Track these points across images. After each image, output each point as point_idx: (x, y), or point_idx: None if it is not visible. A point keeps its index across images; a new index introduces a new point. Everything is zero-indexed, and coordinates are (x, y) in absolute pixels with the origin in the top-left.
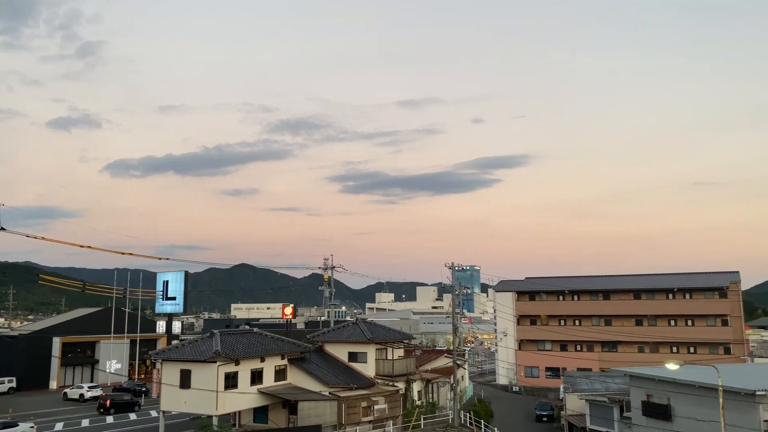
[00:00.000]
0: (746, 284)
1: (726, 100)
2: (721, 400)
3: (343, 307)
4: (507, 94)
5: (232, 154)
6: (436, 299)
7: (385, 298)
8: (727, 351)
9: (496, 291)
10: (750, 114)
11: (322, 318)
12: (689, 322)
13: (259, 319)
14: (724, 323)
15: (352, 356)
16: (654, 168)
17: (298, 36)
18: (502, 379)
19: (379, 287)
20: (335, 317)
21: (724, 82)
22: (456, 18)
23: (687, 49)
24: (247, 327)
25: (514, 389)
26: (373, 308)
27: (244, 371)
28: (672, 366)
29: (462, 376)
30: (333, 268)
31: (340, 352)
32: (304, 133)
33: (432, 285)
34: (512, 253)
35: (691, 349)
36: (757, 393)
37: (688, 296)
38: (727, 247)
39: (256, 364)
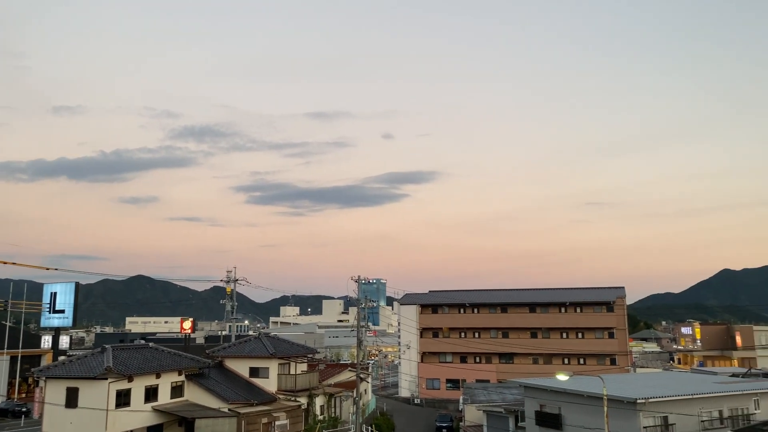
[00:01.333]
0: (630, 299)
1: (614, 127)
2: (605, 409)
3: (246, 321)
4: (416, 112)
5: (131, 160)
6: (342, 312)
7: (289, 312)
8: (613, 362)
9: (401, 304)
10: (635, 140)
11: (224, 332)
12: (580, 335)
13: (156, 333)
14: (611, 336)
15: (254, 371)
16: (550, 187)
17: (207, 40)
18: (404, 392)
19: (284, 301)
20: (237, 332)
21: (614, 110)
22: (370, 34)
23: (581, 76)
24: (142, 341)
25: (415, 402)
26: (277, 322)
27: (137, 388)
28: (562, 377)
29: (365, 390)
30: (236, 280)
31: (241, 367)
32: (209, 140)
33: (338, 298)
34: (418, 266)
35: (581, 361)
36: (638, 401)
37: (579, 310)
38: (614, 263)
39: (151, 381)
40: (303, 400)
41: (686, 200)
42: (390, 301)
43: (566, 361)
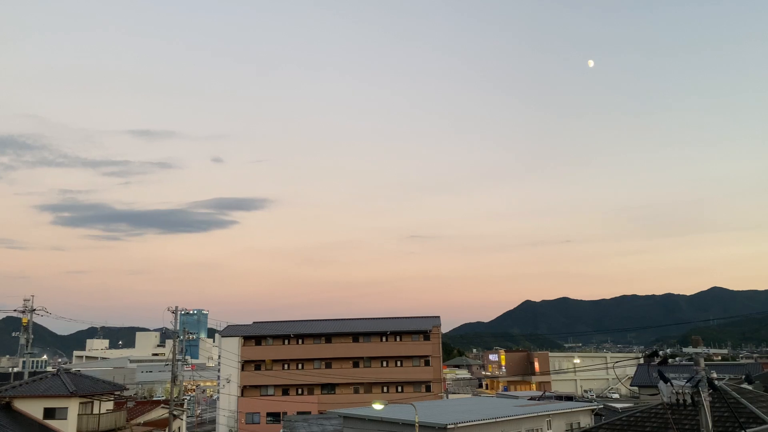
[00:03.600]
0: (446, 327)
1: (432, 167)
2: None
3: (45, 356)
4: (250, 137)
5: None
6: (158, 346)
7: (97, 345)
8: (429, 389)
9: (222, 336)
10: (452, 180)
11: (15, 369)
12: (399, 363)
13: None
14: (427, 363)
15: (49, 412)
16: (377, 220)
17: (15, 44)
18: (222, 429)
19: (92, 333)
20: (33, 368)
21: (434, 152)
22: (205, 53)
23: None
24: None
25: None
26: (82, 356)
27: None
28: (377, 406)
29: (179, 428)
30: (33, 310)
31: (34, 408)
32: (11, 153)
33: (154, 330)
34: (244, 297)
35: (399, 388)
36: (448, 427)
37: (398, 339)
38: (434, 293)
39: None
40: None
41: (496, 237)
42: (212, 333)
43: (386, 389)
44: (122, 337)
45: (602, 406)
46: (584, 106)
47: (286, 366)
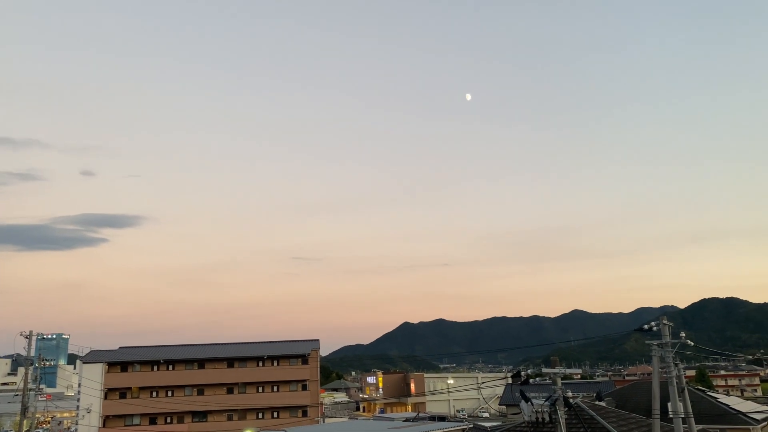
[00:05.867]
0: (326, 350)
1: (320, 187)
2: None
3: None
4: (125, 150)
5: None
6: (9, 374)
7: None
8: (306, 413)
9: (84, 363)
10: (333, 202)
11: None
12: (275, 388)
13: None
14: (305, 388)
15: None
16: (257, 241)
17: None
18: None
19: None
20: None
21: (322, 171)
22: (78, 57)
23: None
24: None
25: None
26: None
27: None
28: None
29: None
30: None
31: None
32: None
33: (4, 357)
34: (111, 320)
35: (275, 414)
36: None
37: (276, 363)
38: (316, 316)
39: None
40: None
41: (378, 259)
42: (73, 359)
43: (261, 415)
44: None
45: (472, 426)
46: (463, 136)
47: (154, 393)
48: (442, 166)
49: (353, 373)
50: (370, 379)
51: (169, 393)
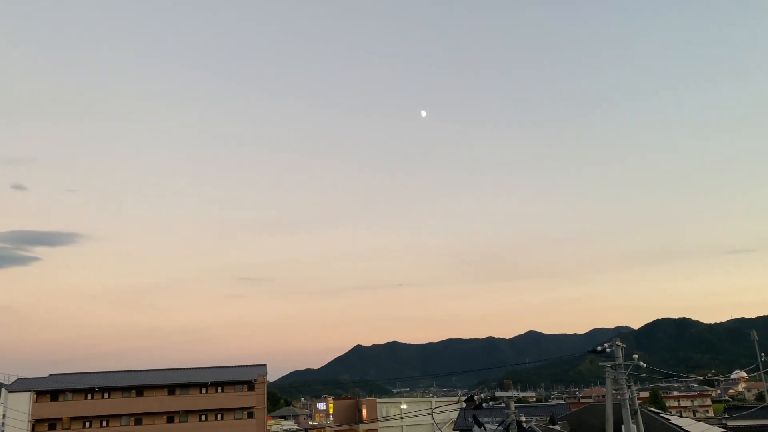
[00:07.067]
0: (273, 376)
1: (270, 204)
2: None
3: None
4: (61, 162)
5: None
6: None
7: None
8: None
9: (10, 392)
10: (288, 218)
11: None
12: (219, 416)
13: None
14: (251, 415)
15: None
16: (203, 260)
17: None
18: None
19: None
20: None
21: (272, 187)
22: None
23: (237, 152)
24: None
25: None
26: None
27: None
28: None
29: None
30: None
31: None
32: None
33: None
34: (41, 345)
35: None
36: None
37: (220, 390)
38: (264, 339)
39: None
40: None
41: (329, 280)
42: None
43: None
44: None
45: None
46: (416, 150)
47: (87, 424)
48: (395, 181)
49: (303, 399)
50: (320, 405)
51: (104, 423)
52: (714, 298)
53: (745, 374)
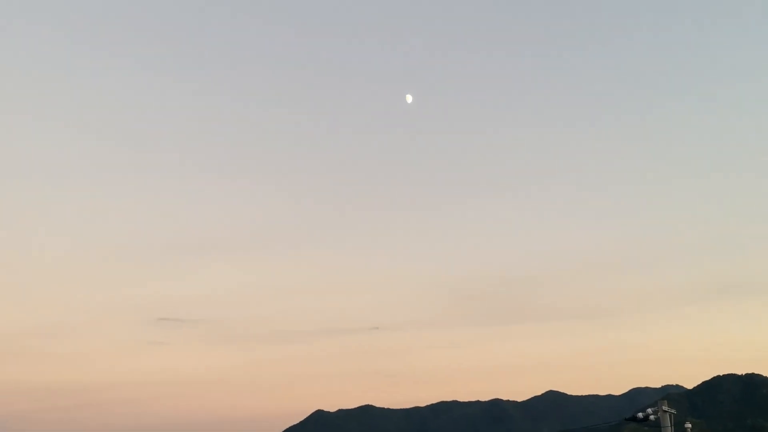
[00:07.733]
0: None
1: (199, 222)
2: None
3: None
4: None
5: None
6: None
7: None
8: None
9: None
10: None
11: None
12: None
13: None
14: None
15: None
16: (110, 294)
17: None
18: None
19: None
20: None
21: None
22: None
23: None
24: None
25: None
26: None
27: None
28: None
29: None
30: None
31: None
32: None
33: None
34: None
35: None
36: None
37: None
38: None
39: None
40: None
41: (281, 322)
42: None
43: None
44: None
45: None
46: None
47: None
48: (371, 191)
49: None
50: None
51: None
52: None
53: None
